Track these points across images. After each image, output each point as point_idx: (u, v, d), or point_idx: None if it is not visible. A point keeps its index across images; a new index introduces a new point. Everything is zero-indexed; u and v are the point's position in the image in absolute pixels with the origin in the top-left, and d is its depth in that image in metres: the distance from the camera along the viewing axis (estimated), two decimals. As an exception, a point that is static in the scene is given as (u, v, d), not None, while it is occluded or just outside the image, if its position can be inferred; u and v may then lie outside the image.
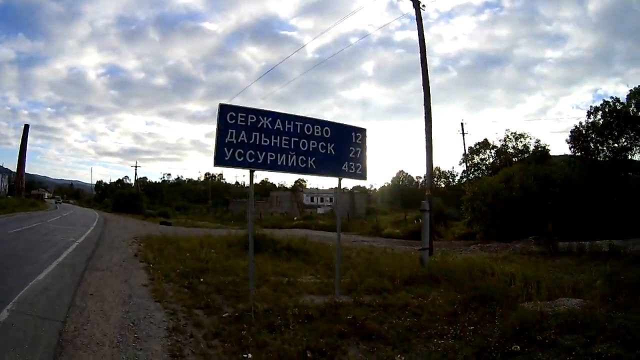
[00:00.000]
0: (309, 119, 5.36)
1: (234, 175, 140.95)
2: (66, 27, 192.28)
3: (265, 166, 4.84)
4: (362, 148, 5.87)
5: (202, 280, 6.33)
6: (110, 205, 50.11)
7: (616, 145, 20.15)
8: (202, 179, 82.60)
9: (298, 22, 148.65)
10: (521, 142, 30.03)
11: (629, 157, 20.08)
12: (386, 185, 65.17)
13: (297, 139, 5.13)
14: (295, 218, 37.15)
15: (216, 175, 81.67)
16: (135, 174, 64.10)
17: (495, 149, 31.20)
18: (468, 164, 33.34)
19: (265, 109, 5.03)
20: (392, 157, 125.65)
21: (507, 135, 30.38)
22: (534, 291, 5.46)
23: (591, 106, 21.61)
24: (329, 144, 5.43)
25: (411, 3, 9.64)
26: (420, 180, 57.68)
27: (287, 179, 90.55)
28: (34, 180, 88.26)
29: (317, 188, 70.15)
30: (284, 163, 4.97)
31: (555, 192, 17.09)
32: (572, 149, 22.00)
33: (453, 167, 50.37)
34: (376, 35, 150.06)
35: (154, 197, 60.07)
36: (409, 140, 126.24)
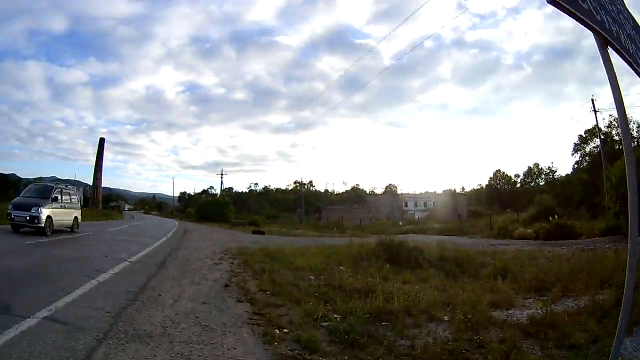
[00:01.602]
0: None
1: (324, 183, 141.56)
2: (138, 48, 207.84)
3: None
4: None
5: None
6: (193, 215, 48.32)
7: None
8: (290, 187, 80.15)
9: (371, 30, 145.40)
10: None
11: None
12: (480, 186, 62.09)
13: None
14: (400, 223, 34.92)
15: (306, 184, 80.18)
16: (221, 183, 60.01)
17: (605, 135, 28.19)
18: (580, 153, 31.49)
19: None
20: (480, 158, 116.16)
21: (611, 122, 27.40)
22: None
23: None
24: None
25: None
26: (519, 179, 51.27)
27: (377, 185, 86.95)
28: (112, 193, 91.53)
29: (411, 193, 62.68)
30: None
31: None
32: None
33: (552, 163, 44.35)
34: (448, 37, 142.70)
35: (241, 207, 56.95)
36: (496, 141, 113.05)
